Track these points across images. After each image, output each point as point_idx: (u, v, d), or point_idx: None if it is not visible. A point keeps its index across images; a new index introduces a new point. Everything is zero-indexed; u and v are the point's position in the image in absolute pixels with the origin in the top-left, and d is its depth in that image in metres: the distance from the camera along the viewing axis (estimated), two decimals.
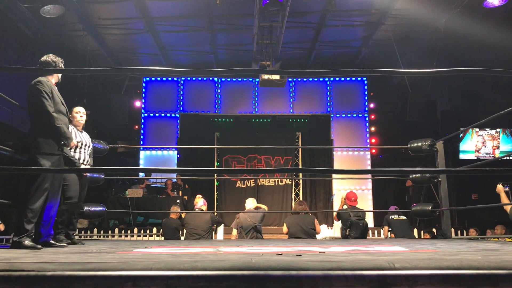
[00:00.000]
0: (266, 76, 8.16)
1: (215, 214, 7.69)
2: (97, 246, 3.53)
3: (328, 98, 11.00)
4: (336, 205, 9.17)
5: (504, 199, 5.51)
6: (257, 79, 10.21)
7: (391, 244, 3.76)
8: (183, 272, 1.48)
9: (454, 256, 2.23)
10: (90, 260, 1.96)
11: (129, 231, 8.53)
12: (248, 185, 10.83)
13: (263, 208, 6.70)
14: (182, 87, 10.98)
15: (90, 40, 8.96)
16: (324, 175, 9.49)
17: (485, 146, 10.61)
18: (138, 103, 11.21)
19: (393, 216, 6.61)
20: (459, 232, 8.78)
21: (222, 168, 10.69)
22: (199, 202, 6.77)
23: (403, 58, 9.12)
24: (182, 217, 6.92)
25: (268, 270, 1.49)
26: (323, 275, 1.46)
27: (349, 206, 6.35)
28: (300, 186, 11.04)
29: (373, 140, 11.28)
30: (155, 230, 8.45)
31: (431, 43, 9.04)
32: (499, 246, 3.38)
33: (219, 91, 10.99)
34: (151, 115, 10.88)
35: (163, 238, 7.12)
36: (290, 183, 10.98)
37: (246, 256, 2.26)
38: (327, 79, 11.00)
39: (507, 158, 10.02)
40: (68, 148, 3.67)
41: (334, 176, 9.45)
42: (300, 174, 10.61)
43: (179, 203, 8.34)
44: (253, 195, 9.31)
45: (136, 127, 11.25)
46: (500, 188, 5.49)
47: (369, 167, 10.57)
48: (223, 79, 11.04)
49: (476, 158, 10.40)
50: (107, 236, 8.36)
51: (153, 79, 10.95)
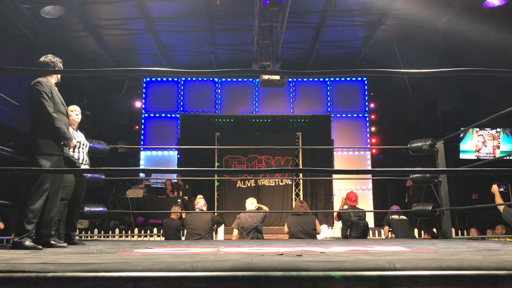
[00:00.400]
0: (266, 77, 8.15)
1: (216, 214, 7.69)
2: (97, 247, 3.53)
3: (328, 98, 10.99)
4: (337, 205, 9.17)
5: (498, 199, 5.58)
6: (257, 79, 10.21)
7: (392, 244, 3.76)
8: (184, 273, 1.48)
9: (455, 256, 2.23)
10: (91, 261, 1.96)
11: (129, 232, 8.54)
12: (249, 185, 10.83)
13: (264, 209, 6.69)
14: (182, 88, 10.98)
15: (90, 40, 8.96)
16: (324, 175, 9.49)
17: (485, 146, 10.60)
18: (138, 104, 11.22)
19: (393, 216, 6.61)
20: (459, 232, 8.78)
21: (223, 168, 10.69)
22: (200, 202, 6.77)
23: (403, 58, 9.12)
24: (182, 217, 6.93)
25: (268, 271, 1.49)
26: (324, 276, 1.46)
27: (349, 206, 6.35)
28: (301, 186, 11.03)
29: (373, 140, 11.28)
30: (155, 230, 8.45)
31: (431, 43, 9.04)
32: (500, 246, 3.38)
33: (219, 91, 10.99)
34: (152, 115, 10.88)
35: (163, 239, 7.12)
36: (291, 183, 10.98)
37: (246, 256, 2.26)
38: (327, 79, 10.99)
39: (508, 158, 10.01)
40: (68, 148, 3.67)
41: (335, 176, 9.46)
42: (301, 174, 10.60)
43: (179, 203, 8.35)
44: (253, 195, 9.29)
45: (137, 127, 11.25)
46: (495, 188, 5.56)
47: (369, 167, 10.57)
48: (223, 80, 11.04)
49: (476, 158, 10.40)
50: (108, 237, 8.36)
51: (153, 79, 10.95)
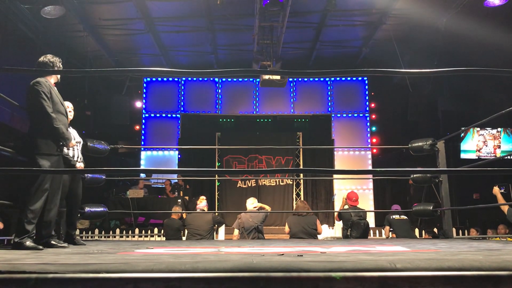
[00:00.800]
0: (266, 76, 8.15)
1: (216, 214, 7.68)
2: (98, 247, 3.53)
3: (329, 98, 10.99)
4: (337, 205, 9.16)
5: (500, 200, 5.64)
6: (257, 79, 10.21)
7: (393, 244, 3.76)
8: (184, 274, 1.48)
9: (456, 256, 2.23)
10: (92, 261, 1.96)
11: (130, 232, 8.54)
12: (249, 185, 10.83)
13: (266, 208, 6.69)
14: (183, 88, 10.98)
15: (90, 40, 8.96)
16: (325, 175, 9.48)
17: (486, 146, 10.59)
18: (139, 104, 11.22)
19: (394, 216, 6.60)
20: (460, 232, 8.77)
21: (223, 168, 10.68)
22: (203, 202, 6.79)
23: (403, 58, 9.11)
24: (183, 217, 6.93)
25: (269, 272, 1.49)
26: (324, 276, 1.46)
27: (350, 206, 6.35)
28: (301, 186, 11.02)
29: (374, 140, 11.27)
30: (156, 230, 8.45)
31: (431, 43, 9.03)
32: (501, 246, 3.37)
33: (220, 91, 10.99)
34: (152, 115, 10.88)
35: (164, 239, 7.12)
36: (291, 183, 10.97)
37: (247, 256, 2.26)
38: (327, 79, 10.98)
39: (509, 157, 10.00)
40: (67, 149, 3.66)
41: (335, 176, 9.45)
42: (301, 174, 10.59)
43: (180, 203, 8.35)
44: (254, 195, 9.29)
45: (137, 127, 11.25)
46: (496, 190, 5.64)
47: (370, 167, 10.56)
48: (224, 79, 11.04)
49: (477, 158, 10.39)
50: (108, 237, 8.36)
51: (154, 79, 10.95)
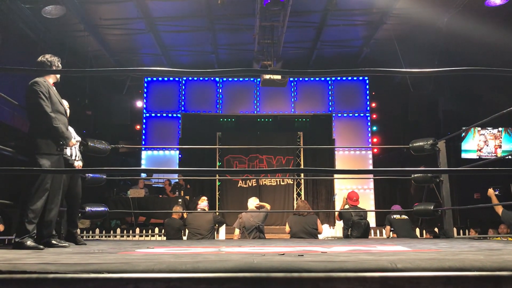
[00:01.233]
0: (267, 76, 8.14)
1: (217, 214, 7.69)
2: (99, 246, 3.53)
3: (330, 98, 10.98)
4: (338, 204, 9.16)
5: (495, 202, 5.69)
6: (258, 79, 10.20)
7: (393, 244, 3.76)
8: (185, 274, 1.48)
9: (457, 256, 2.22)
10: (92, 261, 1.96)
11: (131, 231, 8.54)
12: (250, 185, 10.82)
13: (266, 207, 6.69)
14: (183, 87, 10.98)
15: (91, 40, 8.96)
16: (326, 175, 9.47)
17: (487, 145, 10.58)
18: (139, 103, 11.22)
19: (395, 216, 6.60)
20: (461, 231, 8.76)
21: (224, 168, 10.68)
22: (204, 202, 6.81)
23: (404, 58, 9.10)
24: (184, 217, 6.93)
25: (270, 272, 1.48)
26: (325, 277, 1.46)
27: (351, 206, 6.35)
28: (302, 186, 11.02)
29: (374, 140, 11.26)
30: (157, 230, 8.45)
31: (432, 43, 9.02)
32: (502, 245, 3.37)
33: (220, 91, 10.99)
34: (153, 115, 10.88)
35: (165, 238, 7.12)
36: (292, 183, 10.97)
37: (248, 256, 2.26)
38: (328, 78, 10.97)
39: (510, 157, 9.99)
40: (66, 148, 3.65)
41: (336, 175, 9.43)
42: (302, 174, 10.58)
43: (180, 203, 8.35)
44: (255, 195, 9.27)
45: (138, 127, 11.26)
46: (491, 192, 5.69)
47: (371, 167, 10.56)
48: (225, 79, 11.04)
49: (478, 157, 10.38)
50: (109, 236, 8.37)
51: (154, 79, 10.95)
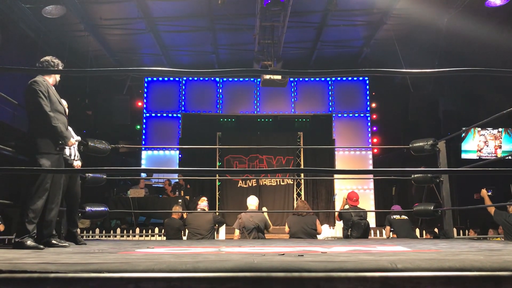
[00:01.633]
0: (267, 76, 8.14)
1: (217, 214, 7.68)
2: (99, 246, 3.53)
3: (330, 98, 10.98)
4: (338, 205, 9.16)
5: (487, 203, 5.72)
6: (258, 79, 10.21)
7: (393, 244, 3.76)
8: (186, 274, 1.48)
9: (457, 256, 2.23)
10: (93, 261, 1.96)
11: (131, 231, 8.54)
12: (250, 185, 10.82)
13: (268, 222, 6.56)
14: (184, 87, 10.98)
15: (92, 40, 8.97)
16: (326, 175, 9.48)
17: (487, 146, 10.58)
18: (140, 103, 11.22)
19: (395, 216, 6.60)
20: (461, 232, 8.76)
21: (224, 168, 10.68)
22: (204, 202, 6.81)
23: (404, 58, 9.10)
24: (184, 217, 6.93)
25: (270, 272, 1.49)
26: (326, 277, 1.46)
27: (350, 206, 6.34)
28: (302, 186, 11.02)
29: (374, 140, 11.26)
30: (157, 230, 8.46)
31: (432, 43, 9.02)
32: (502, 246, 3.37)
33: (220, 91, 10.99)
34: (153, 115, 10.89)
35: (165, 238, 7.12)
36: (292, 183, 10.96)
37: (248, 256, 2.26)
38: (328, 78, 10.98)
39: (510, 157, 9.99)
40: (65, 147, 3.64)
41: (336, 176, 9.44)
42: (302, 174, 10.58)
43: (180, 203, 8.35)
44: (255, 195, 9.24)
45: (138, 127, 11.26)
46: (484, 192, 5.71)
47: (371, 167, 10.56)
48: (225, 79, 11.04)
49: (478, 158, 10.38)
50: (109, 236, 8.37)
51: (154, 79, 10.96)
